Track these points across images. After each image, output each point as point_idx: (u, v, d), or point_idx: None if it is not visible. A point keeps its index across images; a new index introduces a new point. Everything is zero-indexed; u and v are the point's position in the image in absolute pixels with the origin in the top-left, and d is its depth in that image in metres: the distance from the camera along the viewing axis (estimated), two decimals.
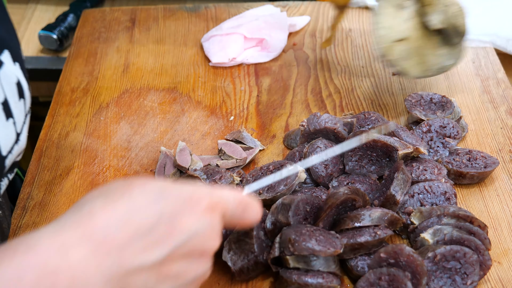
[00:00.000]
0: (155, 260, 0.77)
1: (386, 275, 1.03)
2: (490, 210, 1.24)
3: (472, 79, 1.58)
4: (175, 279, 0.80)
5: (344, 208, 1.14)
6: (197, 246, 0.81)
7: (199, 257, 0.82)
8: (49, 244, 0.72)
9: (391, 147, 1.24)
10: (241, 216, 0.88)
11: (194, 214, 0.80)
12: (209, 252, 0.84)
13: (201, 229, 0.80)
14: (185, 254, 0.80)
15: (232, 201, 0.86)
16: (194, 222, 0.80)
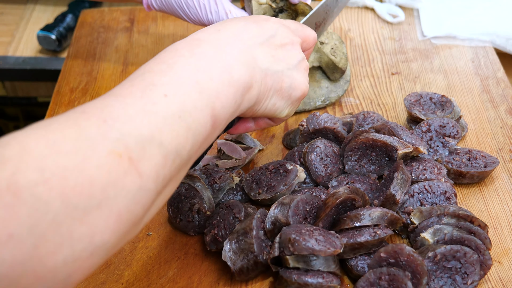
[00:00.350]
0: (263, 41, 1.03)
1: (386, 275, 1.03)
2: (490, 209, 1.24)
3: (471, 79, 1.58)
4: (284, 61, 1.04)
5: (344, 208, 1.14)
6: (285, 38, 1.06)
7: (291, 47, 1.07)
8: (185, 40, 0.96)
9: (391, 146, 1.23)
10: (301, 30, 1.13)
11: (269, 21, 1.07)
12: (297, 42, 1.09)
13: (280, 27, 1.06)
14: (279, 44, 1.05)
15: (291, 21, 1.12)
16: (272, 24, 1.06)
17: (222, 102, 0.90)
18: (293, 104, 1.09)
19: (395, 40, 1.74)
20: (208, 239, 1.15)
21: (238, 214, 1.15)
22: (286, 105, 1.08)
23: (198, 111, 0.85)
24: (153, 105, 0.80)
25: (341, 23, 1.81)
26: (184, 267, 1.16)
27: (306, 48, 1.14)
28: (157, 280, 1.14)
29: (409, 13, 1.83)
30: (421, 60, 1.66)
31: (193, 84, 0.86)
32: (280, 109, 1.07)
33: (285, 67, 1.04)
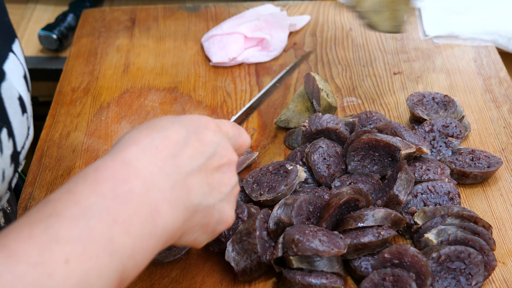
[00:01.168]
0: (201, 164, 0.88)
1: (390, 276, 1.03)
2: (494, 210, 1.24)
3: (474, 78, 1.58)
4: (218, 189, 0.91)
5: (347, 208, 1.14)
6: (224, 156, 0.92)
7: (227, 168, 0.93)
8: (112, 161, 0.80)
9: (394, 146, 1.23)
10: (238, 137, 1.00)
11: (210, 130, 0.92)
12: (233, 162, 0.95)
13: (221, 142, 0.93)
14: (217, 164, 0.91)
15: (228, 124, 0.98)
16: (213, 136, 0.92)
17: (136, 261, 0.77)
18: (214, 236, 0.95)
19: (397, 39, 1.73)
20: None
21: (241, 214, 1.15)
22: (207, 238, 0.93)
23: (103, 279, 0.72)
24: (48, 278, 0.66)
25: (342, 22, 1.80)
26: (187, 268, 1.16)
27: (239, 155, 1.02)
28: (160, 281, 1.13)
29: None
30: (423, 59, 1.65)
31: (105, 244, 0.72)
32: (200, 241, 0.93)
33: (217, 198, 0.91)
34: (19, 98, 0.98)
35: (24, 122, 1.00)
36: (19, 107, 0.98)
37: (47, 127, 1.47)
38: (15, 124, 0.97)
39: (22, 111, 0.99)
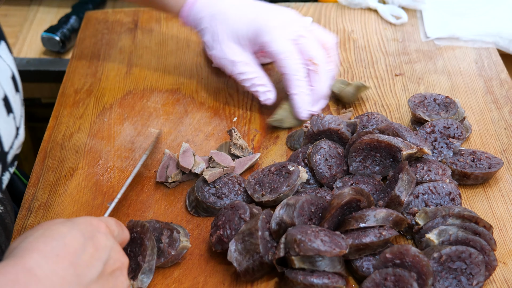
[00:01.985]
0: (99, 272, 0.88)
1: (392, 276, 1.03)
2: (494, 210, 1.24)
3: (475, 80, 1.58)
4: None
5: (348, 209, 1.14)
6: (117, 261, 0.93)
7: (120, 272, 0.93)
8: (13, 267, 0.80)
9: (395, 147, 1.24)
10: (122, 234, 1.00)
11: (102, 233, 0.92)
12: (125, 266, 0.96)
13: (113, 245, 0.93)
14: (112, 269, 0.91)
15: (113, 222, 0.99)
16: (105, 239, 0.92)
17: None
18: None
19: (399, 41, 1.74)
20: (213, 239, 1.15)
21: (244, 214, 1.15)
22: None
23: None
24: None
25: (344, 24, 1.81)
26: (189, 268, 1.16)
27: None
28: (163, 281, 1.14)
29: (412, 15, 1.84)
30: (425, 61, 1.66)
31: None
32: None
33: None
34: (3, 98, 0.99)
35: (11, 122, 1.01)
36: (3, 108, 0.99)
37: (50, 128, 1.48)
38: (0, 124, 0.98)
39: (7, 111, 1.00)
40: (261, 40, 1.41)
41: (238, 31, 1.42)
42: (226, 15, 1.44)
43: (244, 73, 1.44)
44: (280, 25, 1.41)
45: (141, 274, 1.10)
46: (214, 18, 1.44)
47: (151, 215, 1.26)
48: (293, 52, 1.39)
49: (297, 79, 1.40)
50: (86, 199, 1.30)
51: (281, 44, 1.39)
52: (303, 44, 1.41)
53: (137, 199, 1.30)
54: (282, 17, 1.44)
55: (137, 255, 1.13)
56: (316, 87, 1.43)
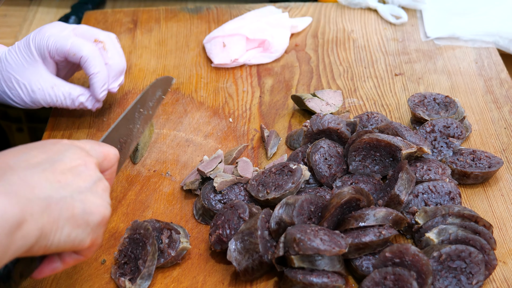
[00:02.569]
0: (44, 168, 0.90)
1: (391, 275, 1.03)
2: (494, 210, 1.24)
3: (475, 79, 1.58)
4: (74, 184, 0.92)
5: (348, 208, 1.14)
6: (75, 160, 0.94)
7: (84, 168, 0.95)
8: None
9: (395, 146, 1.23)
10: (99, 149, 1.02)
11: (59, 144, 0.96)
12: (89, 163, 0.96)
13: (70, 149, 0.95)
14: (68, 167, 0.93)
15: (85, 140, 1.02)
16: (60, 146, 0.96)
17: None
18: (95, 231, 0.94)
19: (398, 41, 1.74)
20: (212, 239, 1.15)
21: (243, 214, 1.15)
22: (85, 233, 0.92)
23: None
24: None
25: (344, 24, 1.81)
26: (189, 267, 1.16)
27: (107, 167, 1.03)
28: (162, 280, 1.14)
29: (412, 14, 1.84)
30: (425, 61, 1.66)
31: None
32: (79, 239, 0.91)
33: (74, 191, 0.91)
34: None
35: None
36: None
37: (50, 128, 1.48)
38: None
39: None
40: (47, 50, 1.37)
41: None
42: None
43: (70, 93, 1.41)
44: (54, 25, 1.40)
45: (139, 279, 1.10)
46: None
47: (150, 214, 1.26)
48: (76, 38, 1.37)
49: (93, 57, 1.37)
50: None
51: (62, 38, 1.36)
52: (81, 31, 1.40)
53: (136, 198, 1.30)
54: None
55: (137, 258, 1.12)
56: (110, 63, 1.41)
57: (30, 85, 1.36)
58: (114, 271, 1.15)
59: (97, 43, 1.39)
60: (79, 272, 1.16)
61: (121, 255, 1.16)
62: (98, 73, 1.38)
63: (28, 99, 1.38)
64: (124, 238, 1.17)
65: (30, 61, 1.36)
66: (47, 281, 1.15)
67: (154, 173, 1.35)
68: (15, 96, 1.38)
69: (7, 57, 1.37)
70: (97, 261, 1.18)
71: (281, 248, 1.07)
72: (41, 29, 1.36)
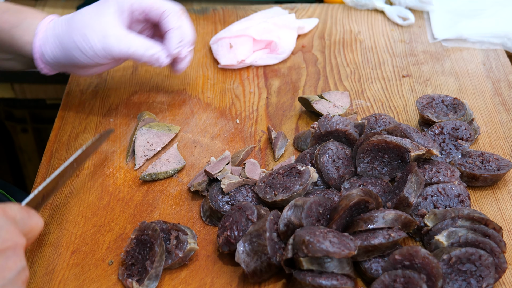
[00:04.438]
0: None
1: (401, 277, 1.02)
2: (504, 212, 1.24)
3: (483, 81, 1.57)
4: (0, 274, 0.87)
5: (357, 210, 1.13)
6: (7, 240, 0.89)
7: (13, 252, 0.89)
8: None
9: (403, 148, 1.23)
10: (28, 219, 0.95)
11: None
12: (20, 246, 0.91)
13: (3, 225, 0.89)
14: (1, 248, 0.87)
15: (15, 207, 0.94)
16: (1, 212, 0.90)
17: None
18: None
19: (406, 42, 1.73)
20: (220, 241, 1.15)
21: (251, 216, 1.14)
22: None
23: None
24: None
25: (350, 25, 1.80)
26: (196, 269, 1.16)
27: (29, 239, 0.96)
28: (169, 282, 1.13)
29: (419, 16, 1.83)
30: (432, 62, 1.65)
31: None
32: None
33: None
34: None
35: None
36: None
37: (56, 129, 1.47)
38: None
39: None
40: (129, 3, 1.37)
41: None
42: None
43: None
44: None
45: (147, 280, 1.09)
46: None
47: (158, 215, 1.26)
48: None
49: (175, 13, 1.39)
50: (92, 199, 1.30)
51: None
52: None
53: (143, 199, 1.29)
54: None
55: (145, 259, 1.12)
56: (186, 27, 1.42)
57: (105, 30, 1.31)
58: (122, 272, 1.14)
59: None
60: (86, 273, 1.16)
61: (128, 256, 1.16)
62: (177, 28, 1.38)
63: (100, 46, 1.31)
64: (131, 239, 1.17)
65: (106, 12, 1.33)
66: (54, 282, 1.15)
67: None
68: (86, 43, 1.31)
69: (82, 10, 1.34)
70: (104, 262, 1.18)
71: (290, 250, 1.07)
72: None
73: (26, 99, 2.06)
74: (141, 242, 1.15)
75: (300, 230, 1.07)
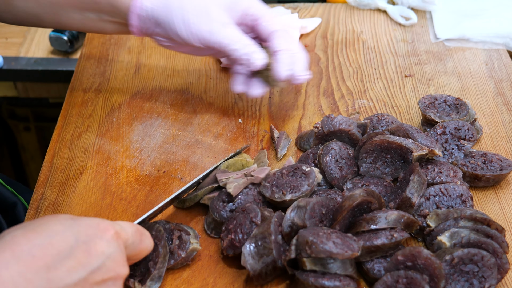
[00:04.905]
0: (78, 279, 0.83)
1: (403, 278, 1.03)
2: (506, 213, 1.24)
3: (485, 81, 1.57)
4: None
5: (359, 211, 1.13)
6: (111, 270, 0.88)
7: (113, 283, 0.88)
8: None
9: (406, 148, 1.23)
10: (139, 244, 0.97)
11: (105, 239, 0.88)
12: (121, 277, 0.91)
13: (113, 253, 0.88)
14: (101, 279, 0.86)
15: (130, 230, 0.95)
16: (106, 246, 0.87)
17: None
18: None
19: (408, 42, 1.73)
20: (224, 244, 1.14)
21: (255, 218, 1.14)
22: None
23: None
24: None
25: (353, 25, 1.80)
26: (199, 269, 1.16)
27: (133, 260, 0.99)
28: (172, 282, 1.13)
29: (422, 15, 1.83)
30: (435, 62, 1.65)
31: None
32: None
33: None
34: None
35: None
36: None
37: (59, 128, 1.48)
38: None
39: None
40: (241, 7, 1.30)
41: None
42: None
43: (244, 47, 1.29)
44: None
45: (149, 281, 1.10)
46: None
47: (160, 215, 1.26)
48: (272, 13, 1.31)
49: (284, 33, 1.29)
50: (94, 199, 1.30)
51: (260, 6, 1.29)
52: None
53: (146, 199, 1.30)
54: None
55: (148, 259, 1.12)
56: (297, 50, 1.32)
57: (209, 14, 1.25)
58: None
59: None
60: None
61: None
62: (286, 50, 1.29)
63: (197, 31, 1.24)
64: None
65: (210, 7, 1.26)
66: None
67: (164, 174, 1.35)
68: (185, 24, 1.24)
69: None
70: None
71: (293, 250, 1.07)
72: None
73: (28, 97, 2.06)
74: None
75: (303, 231, 1.07)
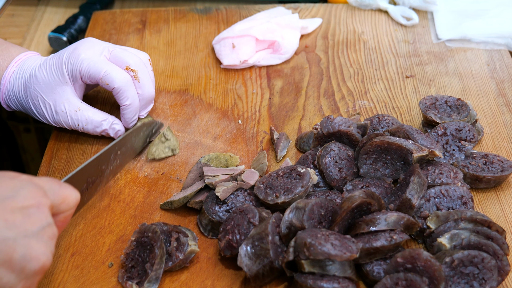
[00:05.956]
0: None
1: (403, 280, 1.02)
2: (507, 214, 1.23)
3: (487, 82, 1.56)
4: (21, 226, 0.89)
5: (359, 212, 1.12)
6: (28, 199, 0.91)
7: (36, 210, 0.91)
8: None
9: (406, 149, 1.22)
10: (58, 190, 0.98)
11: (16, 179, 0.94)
12: (43, 205, 0.93)
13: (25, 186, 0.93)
14: (19, 206, 0.90)
15: (46, 179, 0.98)
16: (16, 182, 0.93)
17: None
18: (29, 279, 0.90)
19: (409, 43, 1.72)
20: (222, 244, 1.14)
21: (253, 219, 1.14)
22: (17, 280, 0.89)
23: None
24: None
25: (354, 25, 1.79)
26: (197, 272, 1.15)
27: (63, 210, 0.99)
28: (170, 284, 1.13)
29: (423, 16, 1.82)
30: (436, 63, 1.64)
31: None
32: (10, 284, 0.88)
33: (20, 234, 0.89)
34: None
35: None
36: None
37: (57, 129, 1.47)
38: None
39: None
40: (79, 74, 1.36)
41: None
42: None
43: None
44: (89, 46, 1.39)
45: (147, 282, 1.09)
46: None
47: (159, 217, 1.25)
48: (110, 66, 1.35)
49: (126, 89, 1.36)
50: (92, 200, 1.29)
51: (96, 64, 1.35)
52: (114, 55, 1.38)
53: (144, 201, 1.29)
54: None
55: (145, 261, 1.11)
56: (141, 93, 1.40)
57: (54, 107, 1.37)
58: (121, 274, 1.14)
59: (129, 71, 1.37)
60: (86, 276, 1.15)
61: (128, 258, 1.15)
62: (130, 105, 1.38)
63: (51, 119, 1.38)
64: (131, 241, 1.16)
65: (59, 82, 1.35)
66: (53, 285, 1.14)
67: (162, 175, 1.34)
68: (39, 114, 1.39)
69: (37, 74, 1.36)
70: (104, 265, 1.17)
71: (291, 252, 1.06)
72: (75, 50, 1.35)
73: None
74: (141, 244, 1.14)
75: (301, 233, 1.06)
